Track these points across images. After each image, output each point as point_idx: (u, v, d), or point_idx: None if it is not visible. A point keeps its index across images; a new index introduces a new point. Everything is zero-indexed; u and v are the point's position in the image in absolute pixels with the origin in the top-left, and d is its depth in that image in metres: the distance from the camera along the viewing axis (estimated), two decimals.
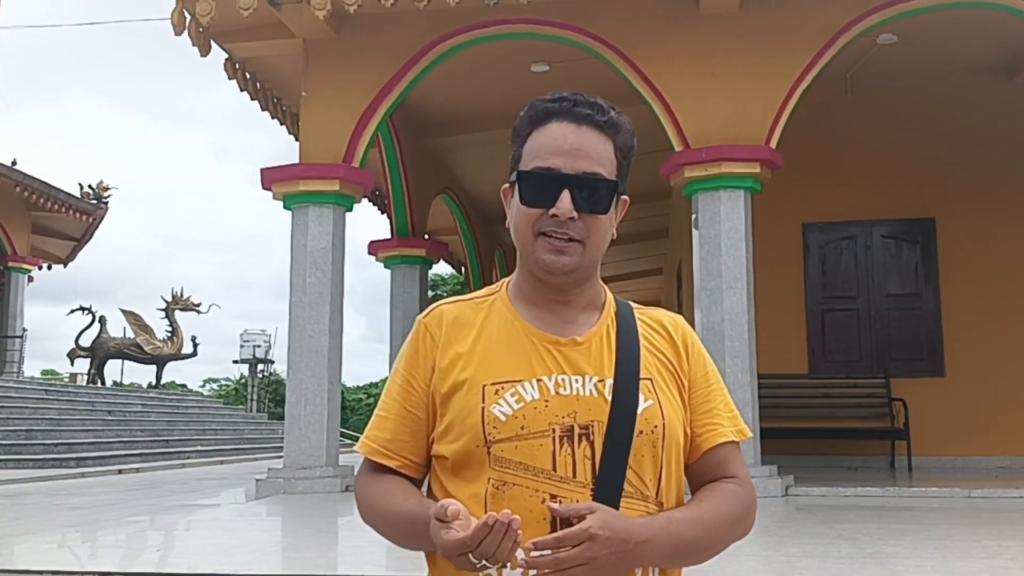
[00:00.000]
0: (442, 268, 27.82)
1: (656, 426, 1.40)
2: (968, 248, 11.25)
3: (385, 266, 12.78)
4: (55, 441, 15.01)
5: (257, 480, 8.63)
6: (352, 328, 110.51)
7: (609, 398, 1.38)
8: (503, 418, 1.35)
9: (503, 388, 1.37)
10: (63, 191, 20.86)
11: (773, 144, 8.52)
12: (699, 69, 8.72)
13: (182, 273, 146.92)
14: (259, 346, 43.13)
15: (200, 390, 51.45)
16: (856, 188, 11.46)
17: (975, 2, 8.68)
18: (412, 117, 11.95)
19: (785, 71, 8.59)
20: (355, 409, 40.96)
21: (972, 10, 8.79)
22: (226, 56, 9.82)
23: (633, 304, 1.55)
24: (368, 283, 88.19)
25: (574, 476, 1.33)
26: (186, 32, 8.77)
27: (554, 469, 1.33)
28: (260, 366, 43.72)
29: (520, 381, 1.38)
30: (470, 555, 1.20)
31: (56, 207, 20.59)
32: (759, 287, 8.87)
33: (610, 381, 1.40)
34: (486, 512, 1.31)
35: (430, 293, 39.19)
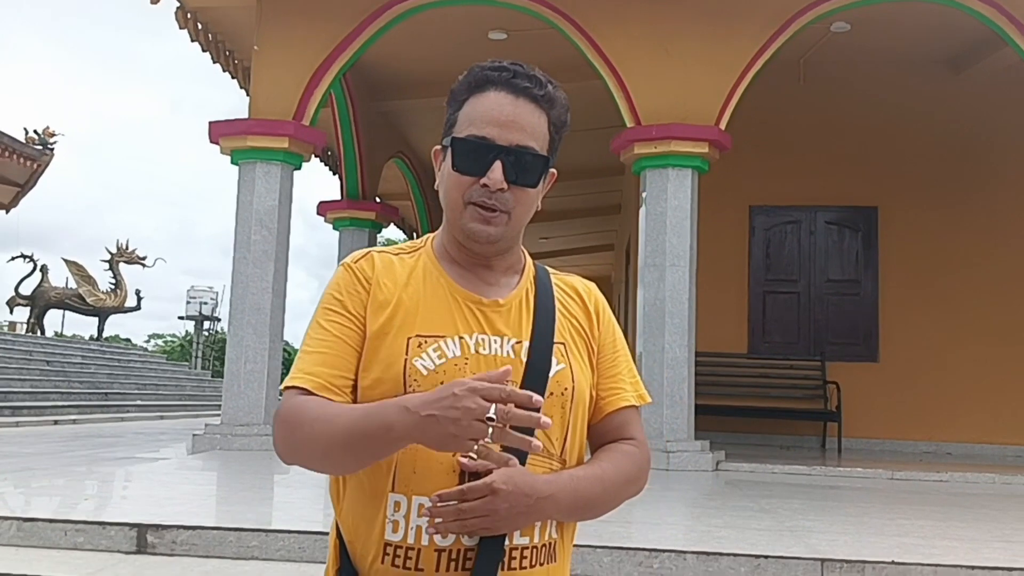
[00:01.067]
0: (394, 233, 27.81)
1: (566, 388, 1.45)
2: (908, 238, 11.51)
3: (334, 227, 12.72)
4: None
5: (194, 435, 8.60)
6: (302, 291, 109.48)
7: (524, 360, 1.43)
8: (424, 372, 1.38)
9: (427, 342, 1.40)
10: (6, 135, 20.36)
11: (723, 125, 8.62)
12: (654, 47, 8.77)
13: (129, 225, 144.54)
14: (206, 303, 42.70)
15: (145, 345, 50.83)
16: (803, 174, 11.65)
17: None
18: (367, 78, 11.86)
19: (738, 53, 8.68)
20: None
21: (923, 3, 8.92)
22: (177, 4, 9.63)
23: (550, 269, 1.60)
24: (321, 245, 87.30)
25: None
26: None
27: None
28: (206, 323, 43.28)
29: (443, 337, 1.41)
30: (491, 428, 1.19)
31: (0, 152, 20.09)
32: (704, 266, 9.01)
33: (526, 344, 1.45)
34: (396, 461, 1.35)
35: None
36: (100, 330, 25.04)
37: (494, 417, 1.19)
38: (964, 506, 6.40)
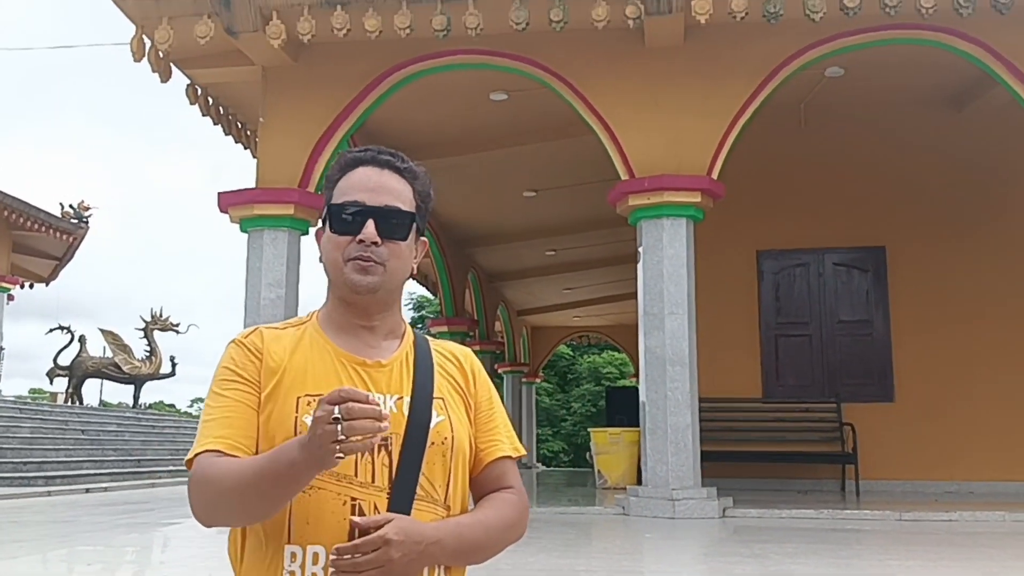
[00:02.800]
0: (424, 291, 28.04)
1: (446, 438, 1.59)
2: (917, 276, 11.50)
3: None
4: (24, 460, 15.09)
5: None
6: None
7: (407, 413, 1.57)
8: None
9: (315, 400, 1.51)
10: (43, 210, 21.02)
11: (715, 174, 8.75)
12: (643, 100, 8.97)
13: (170, 293, 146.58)
14: None
15: (188, 410, 51.35)
16: (809, 216, 11.73)
17: (916, 39, 8.93)
18: (374, 142, 12.12)
19: (727, 103, 8.84)
20: None
21: (911, 45, 9.05)
22: (188, 81, 10.04)
23: (429, 337, 1.75)
24: None
25: (373, 481, 1.51)
26: (146, 58, 8.99)
27: (356, 475, 1.51)
28: None
29: None
30: (340, 425, 1.29)
31: (35, 227, 20.75)
32: (713, 312, 9.10)
33: (408, 399, 1.59)
34: (291, 513, 1.48)
35: (415, 314, 39.04)
36: (136, 397, 25.43)
37: (340, 416, 1.30)
38: (962, 545, 6.35)
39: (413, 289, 31.18)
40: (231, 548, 1.59)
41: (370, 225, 1.58)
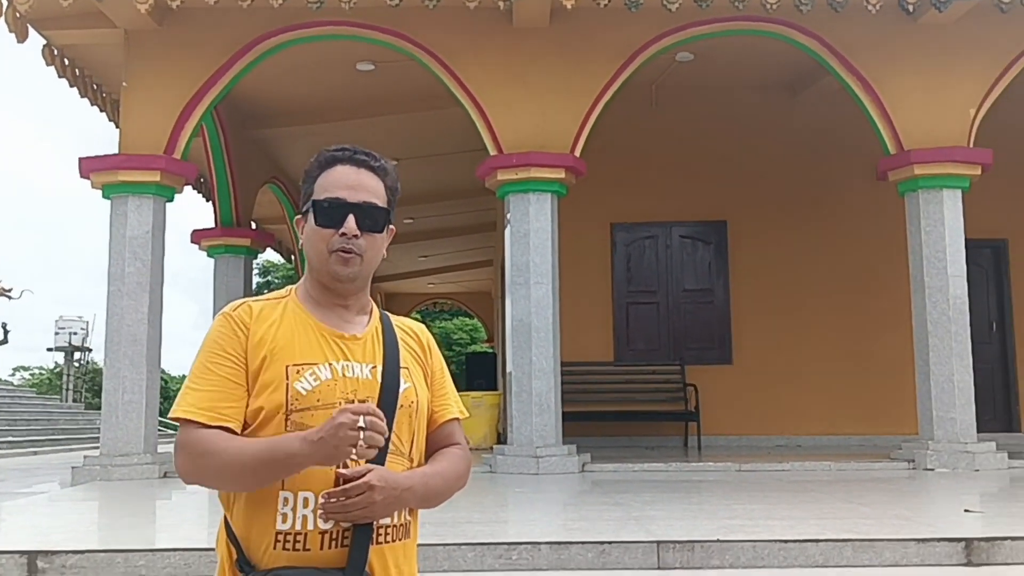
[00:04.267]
0: (273, 255, 27.71)
1: (412, 401, 1.90)
2: (755, 248, 12.46)
3: (208, 255, 12.83)
4: None
5: (73, 468, 8.66)
6: (181, 315, 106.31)
7: (379, 380, 1.87)
8: (303, 392, 1.79)
9: (303, 369, 1.82)
10: None
11: (577, 152, 9.26)
12: (511, 78, 9.36)
13: None
14: (75, 333, 41.12)
15: (10, 379, 48.56)
16: (658, 192, 12.47)
17: (759, 31, 9.66)
18: (238, 108, 12.08)
19: (589, 85, 9.34)
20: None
21: (754, 36, 9.79)
22: (44, 42, 9.70)
23: (390, 314, 2.07)
24: (199, 269, 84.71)
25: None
26: (2, 18, 8.66)
27: None
28: (76, 354, 41.74)
29: (316, 364, 1.83)
30: (362, 434, 1.62)
31: None
32: (571, 281, 9.62)
33: (380, 368, 1.89)
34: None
35: (260, 279, 38.38)
36: None
37: (364, 425, 1.63)
38: (794, 491, 7.15)
39: (266, 257, 30.84)
40: (221, 492, 1.84)
41: (351, 220, 1.84)
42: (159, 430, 9.25)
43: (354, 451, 1.64)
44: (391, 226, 1.95)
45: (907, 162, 9.30)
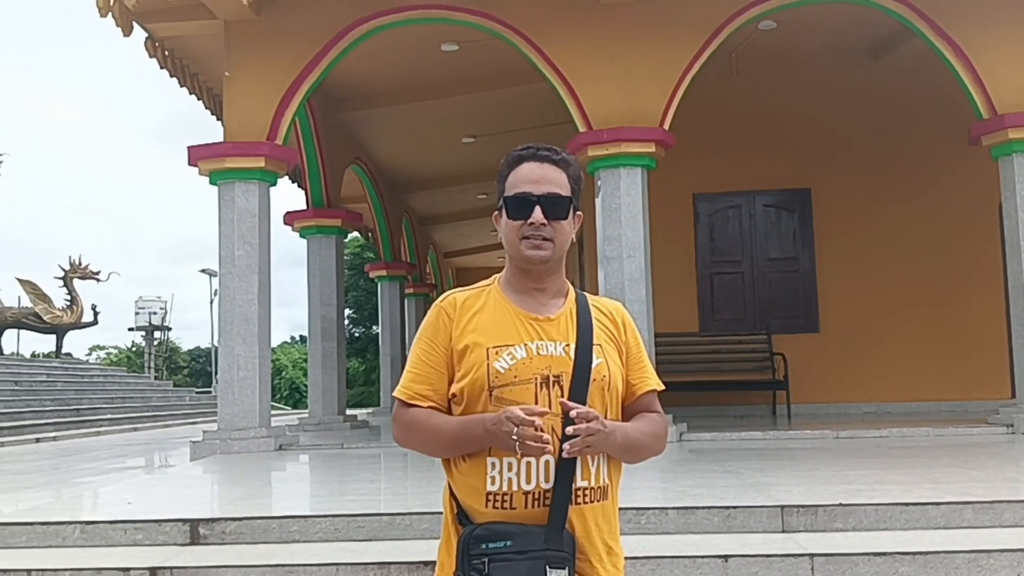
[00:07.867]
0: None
1: (604, 376, 2.10)
2: (840, 215, 12.44)
3: (300, 235, 13.21)
4: None
5: (192, 442, 9.12)
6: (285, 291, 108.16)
7: (572, 357, 2.08)
8: (502, 370, 2.03)
9: (501, 350, 2.06)
10: None
11: (666, 126, 9.36)
12: (599, 54, 9.48)
13: (70, 237, 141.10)
14: (155, 313, 42.45)
15: (86, 358, 50.21)
16: (740, 161, 12.50)
17: None
18: (326, 92, 12.37)
19: (677, 58, 9.42)
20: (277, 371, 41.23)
21: (839, 4, 9.76)
22: (146, 35, 10.08)
23: (588, 295, 2.28)
24: (295, 246, 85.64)
25: (549, 408, 2.05)
26: (110, 13, 9.04)
27: (536, 403, 2.03)
28: (156, 333, 43.02)
29: (512, 345, 2.07)
30: (535, 429, 1.89)
31: None
32: (655, 253, 9.75)
33: (573, 345, 2.10)
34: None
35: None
36: (59, 347, 25.13)
37: (539, 426, 1.90)
38: (901, 457, 7.25)
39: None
40: (443, 461, 2.11)
41: (538, 211, 2.06)
42: (271, 405, 9.65)
43: (519, 449, 1.90)
44: (578, 212, 2.16)
45: (1001, 126, 9.22)
